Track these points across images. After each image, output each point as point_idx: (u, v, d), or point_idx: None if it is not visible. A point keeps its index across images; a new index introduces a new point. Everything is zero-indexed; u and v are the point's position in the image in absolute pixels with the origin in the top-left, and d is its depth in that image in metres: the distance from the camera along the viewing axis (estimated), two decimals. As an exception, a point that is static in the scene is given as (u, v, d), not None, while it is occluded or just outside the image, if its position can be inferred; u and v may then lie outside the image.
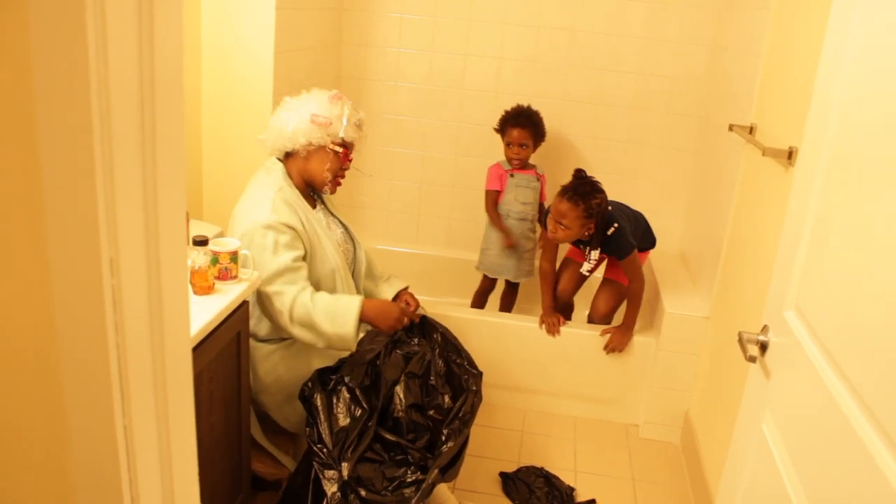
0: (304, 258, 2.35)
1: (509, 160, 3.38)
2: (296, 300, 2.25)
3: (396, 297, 2.74)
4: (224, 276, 2.10)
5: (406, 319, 2.41)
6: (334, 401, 2.26)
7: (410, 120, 3.85)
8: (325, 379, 2.29)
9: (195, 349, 1.88)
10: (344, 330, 2.27)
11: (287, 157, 2.46)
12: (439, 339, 2.53)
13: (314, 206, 2.52)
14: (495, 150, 3.50)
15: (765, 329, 1.71)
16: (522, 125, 3.30)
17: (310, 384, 2.27)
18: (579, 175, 2.97)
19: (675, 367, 3.04)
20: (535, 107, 3.40)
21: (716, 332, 2.85)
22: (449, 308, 3.29)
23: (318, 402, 2.24)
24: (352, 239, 2.66)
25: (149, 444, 0.83)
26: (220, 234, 2.51)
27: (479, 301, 3.62)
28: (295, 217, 2.34)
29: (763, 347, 1.70)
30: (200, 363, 1.93)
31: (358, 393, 2.27)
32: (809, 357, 1.42)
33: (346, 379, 2.28)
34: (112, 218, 0.70)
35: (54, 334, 0.75)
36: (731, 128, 2.72)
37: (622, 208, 3.11)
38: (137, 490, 0.82)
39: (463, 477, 2.75)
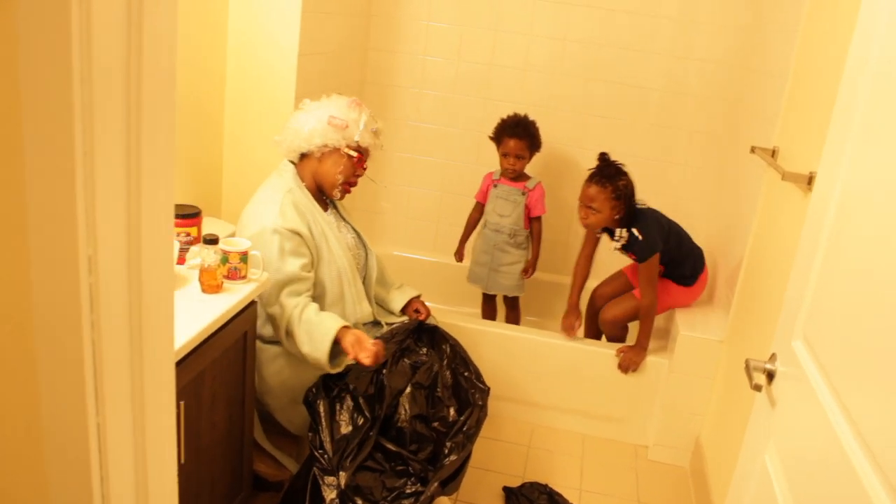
0: (311, 265, 2.36)
1: (504, 170, 3.35)
2: (291, 315, 2.26)
3: (408, 305, 2.74)
4: (233, 275, 2.10)
5: (381, 358, 2.26)
6: (337, 407, 2.25)
7: (433, 128, 3.85)
8: (330, 385, 2.29)
9: (199, 347, 1.89)
10: (318, 353, 2.24)
11: (301, 159, 2.48)
12: (448, 350, 2.52)
13: (325, 209, 2.53)
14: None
15: (773, 357, 1.68)
16: (519, 136, 3.27)
17: (314, 389, 2.27)
18: (604, 158, 3.01)
19: (688, 389, 3.00)
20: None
21: (730, 357, 2.81)
22: (461, 318, 3.27)
23: (321, 409, 2.23)
24: (363, 245, 2.65)
25: (122, 442, 0.82)
26: (234, 234, 2.52)
27: (488, 312, 3.61)
28: (302, 221, 2.35)
29: (770, 376, 1.67)
30: (204, 362, 1.94)
31: (361, 401, 2.26)
32: (814, 389, 1.39)
33: (351, 386, 2.27)
34: (91, 215, 0.70)
35: (32, 330, 0.75)
36: (753, 150, 2.68)
37: (659, 216, 3.08)
38: (109, 488, 0.82)
39: (466, 490, 2.73)
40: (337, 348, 2.28)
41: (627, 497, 2.86)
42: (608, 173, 2.94)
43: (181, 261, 2.19)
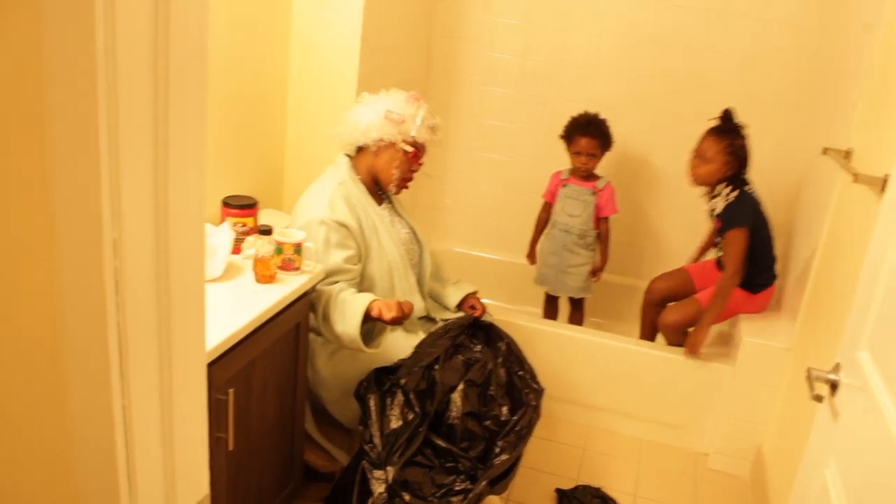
0: (357, 258, 2.36)
1: (576, 169, 3.28)
2: (329, 298, 2.27)
3: (463, 301, 2.72)
4: (287, 266, 2.12)
5: (407, 313, 2.29)
6: (388, 402, 2.25)
7: (498, 124, 3.82)
8: (382, 379, 2.29)
9: (250, 336, 1.90)
10: (350, 328, 2.22)
11: (358, 152, 2.49)
12: (504, 348, 2.48)
13: (380, 203, 2.53)
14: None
15: (836, 368, 1.60)
16: (591, 134, 3.20)
17: (365, 383, 2.27)
18: (727, 115, 2.97)
19: (751, 397, 2.90)
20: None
21: (796, 365, 2.70)
22: (520, 317, 3.24)
23: (372, 403, 2.23)
24: (418, 240, 2.65)
25: (149, 423, 0.83)
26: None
27: (550, 312, 3.56)
28: (351, 214, 2.35)
29: (833, 387, 1.59)
30: (255, 351, 1.95)
31: (412, 397, 2.25)
32: (879, 403, 1.32)
33: (402, 381, 2.26)
34: (117, 198, 0.70)
35: (59, 313, 0.76)
36: (825, 151, 2.57)
37: (760, 206, 3.00)
38: (135, 469, 0.82)
39: (518, 490, 2.70)
40: (372, 331, 2.31)
41: (684, 506, 2.78)
42: (727, 128, 2.92)
43: (237, 251, 2.21)
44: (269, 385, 2.09)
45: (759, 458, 2.89)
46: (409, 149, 2.42)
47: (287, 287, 2.07)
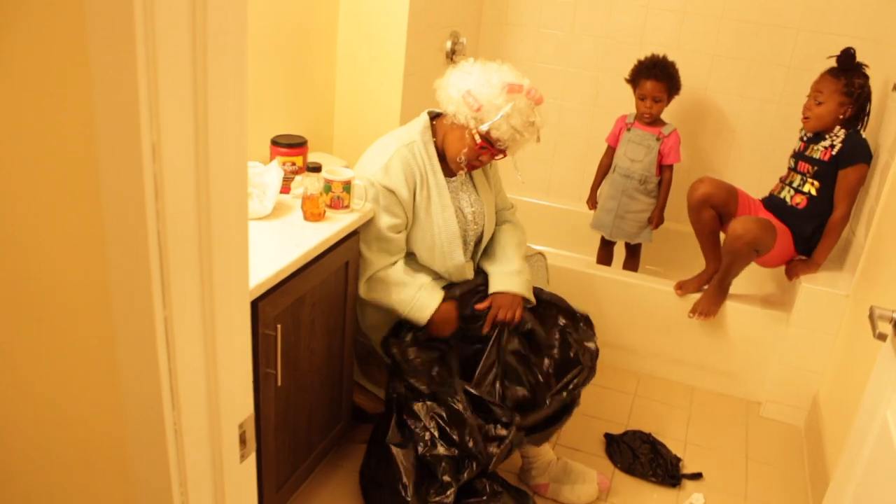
0: (403, 225, 2.26)
1: (641, 114, 3.18)
2: (377, 274, 2.24)
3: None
4: (336, 204, 2.11)
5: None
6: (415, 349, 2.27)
7: (550, 67, 3.73)
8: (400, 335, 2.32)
9: (298, 273, 1.91)
10: (419, 317, 2.25)
11: (442, 115, 2.31)
12: (559, 317, 2.43)
13: (453, 174, 2.36)
14: (633, 102, 3.32)
15: (903, 306, 1.54)
16: (657, 77, 3.09)
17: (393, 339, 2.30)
18: (847, 52, 2.80)
19: (808, 345, 2.83)
20: (678, 59, 3.18)
21: (856, 312, 2.62)
22: (574, 262, 3.20)
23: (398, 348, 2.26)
24: (486, 220, 2.45)
25: (191, 337, 0.82)
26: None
27: (604, 258, 3.50)
28: (406, 181, 2.21)
29: (897, 326, 1.53)
30: (303, 288, 1.96)
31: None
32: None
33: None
34: (155, 100, 0.68)
35: (99, 219, 0.75)
36: (895, 88, 2.46)
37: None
38: (178, 386, 0.82)
39: (567, 434, 2.69)
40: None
41: (735, 453, 2.74)
42: (845, 66, 2.77)
43: (286, 190, 2.21)
44: (317, 323, 2.10)
45: (815, 407, 2.83)
46: (478, 140, 2.19)
47: (336, 225, 2.06)
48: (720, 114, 3.54)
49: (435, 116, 2.36)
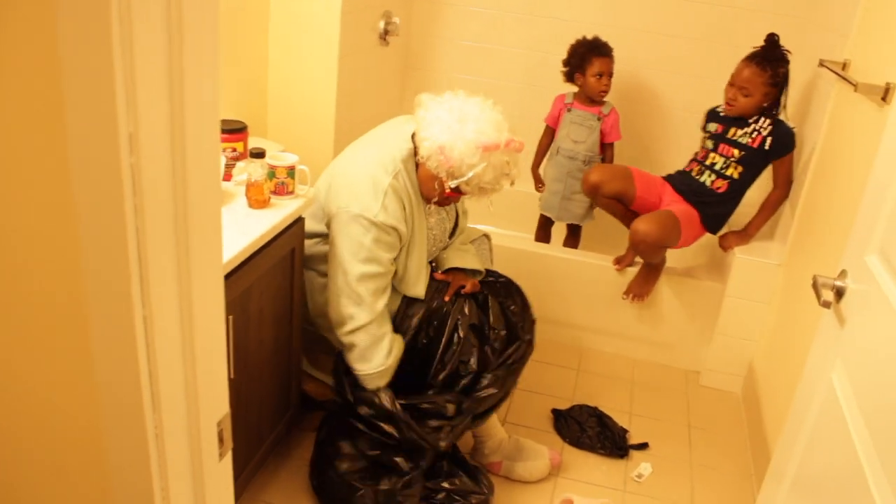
0: (395, 258, 2.19)
1: (598, 94, 3.18)
2: (371, 333, 2.13)
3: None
4: (281, 190, 2.06)
5: None
6: None
7: (480, 46, 3.73)
8: None
9: (246, 262, 1.86)
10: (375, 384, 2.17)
11: None
12: (497, 284, 2.44)
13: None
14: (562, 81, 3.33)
15: (842, 274, 1.60)
16: (606, 54, 3.12)
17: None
18: (772, 39, 2.80)
19: (743, 315, 2.92)
20: (607, 38, 3.21)
21: (788, 281, 2.72)
22: (514, 241, 3.21)
23: None
24: (453, 233, 2.42)
25: (170, 337, 0.79)
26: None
27: (542, 237, 3.54)
28: (403, 213, 2.12)
29: (839, 293, 1.59)
30: (251, 277, 1.91)
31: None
32: (892, 303, 1.31)
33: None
34: (132, 88, 0.65)
35: (73, 215, 0.71)
36: (821, 63, 2.54)
37: None
38: (158, 387, 0.79)
39: (514, 411, 2.72)
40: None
41: (678, 421, 2.82)
42: (772, 56, 2.76)
43: (227, 177, 2.15)
44: (265, 313, 2.06)
45: (751, 373, 2.93)
46: (448, 189, 2.12)
47: (282, 212, 2.02)
48: (650, 91, 3.60)
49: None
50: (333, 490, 2.17)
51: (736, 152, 2.88)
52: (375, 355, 2.13)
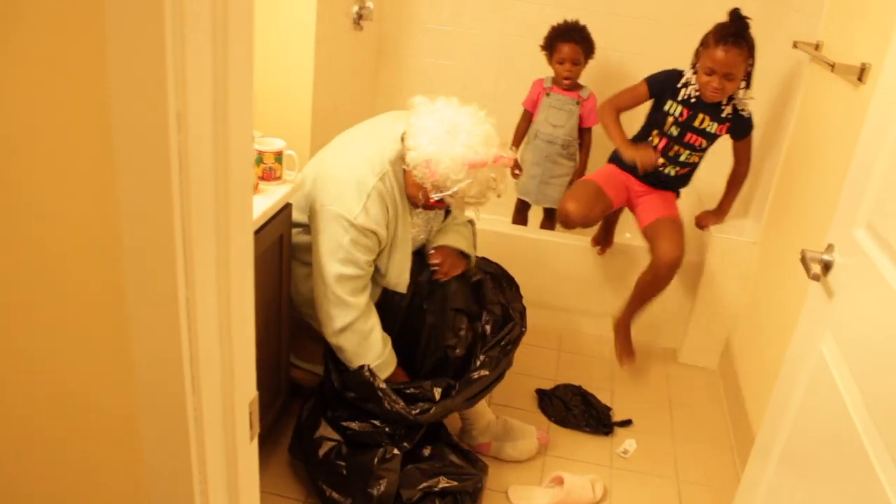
0: (374, 260, 2.19)
1: (561, 80, 3.23)
2: (357, 330, 2.14)
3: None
4: (268, 176, 2.05)
5: None
6: None
7: (456, 31, 3.72)
8: None
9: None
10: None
11: None
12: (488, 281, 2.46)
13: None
14: (538, 64, 3.35)
15: (829, 248, 1.64)
16: (574, 40, 3.14)
17: None
18: (737, 14, 2.63)
19: (719, 292, 2.98)
20: (583, 21, 3.24)
21: (764, 258, 2.78)
22: (489, 224, 3.23)
23: None
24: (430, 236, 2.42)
25: (209, 319, 0.79)
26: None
27: (519, 221, 3.56)
28: (385, 216, 2.12)
29: (826, 267, 1.63)
30: (244, 263, 1.90)
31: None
32: (883, 275, 1.35)
33: None
34: (181, 67, 0.64)
35: (117, 196, 0.71)
36: (795, 45, 2.59)
37: None
38: (198, 367, 0.79)
39: (499, 393, 2.74)
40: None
41: (659, 398, 2.87)
42: (744, 31, 2.57)
43: (213, 163, 2.13)
44: (255, 300, 2.04)
45: (728, 350, 3.00)
46: (433, 199, 2.13)
47: (271, 198, 2.00)
48: (629, 75, 3.63)
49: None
50: (315, 466, 2.17)
51: (704, 142, 2.80)
52: (369, 351, 2.15)
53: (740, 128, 2.78)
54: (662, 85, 2.81)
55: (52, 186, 0.75)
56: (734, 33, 2.55)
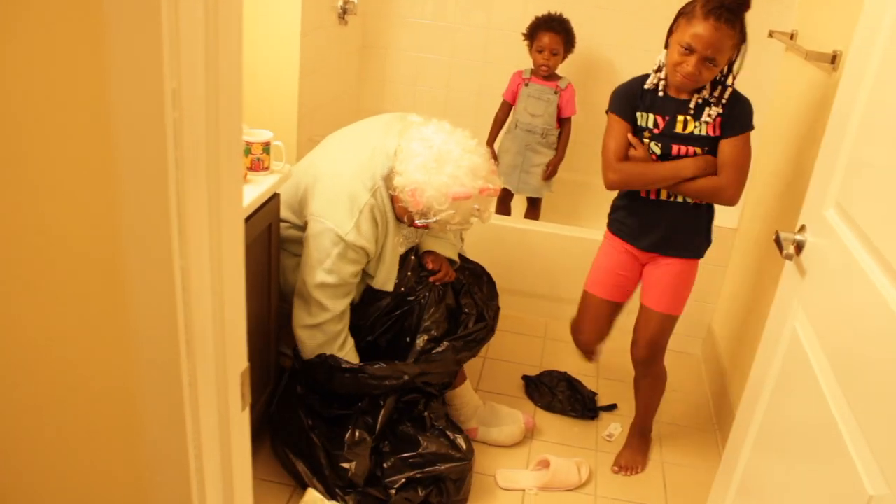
0: (360, 272, 2.24)
1: (538, 68, 3.29)
2: (326, 331, 2.21)
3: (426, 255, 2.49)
4: (256, 166, 2.09)
5: None
6: None
7: (436, 24, 3.76)
8: None
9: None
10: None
11: None
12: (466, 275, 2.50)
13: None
14: (522, 57, 3.40)
15: (802, 229, 1.69)
16: (555, 30, 3.20)
17: None
18: None
19: (700, 279, 3.01)
20: (566, 14, 3.30)
21: (743, 243, 2.83)
22: (475, 215, 3.28)
23: None
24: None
25: (203, 289, 0.83)
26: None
27: (503, 211, 3.61)
28: (374, 232, 2.17)
29: (799, 247, 1.68)
30: (233, 251, 1.94)
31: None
32: (852, 253, 1.41)
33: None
34: (176, 44, 0.68)
35: (115, 167, 0.74)
36: (771, 34, 2.65)
37: None
38: (193, 336, 0.83)
39: (486, 379, 2.79)
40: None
41: (643, 383, 2.92)
42: (742, 8, 1.98)
43: (201, 154, 2.16)
44: (245, 289, 2.08)
45: (710, 335, 3.05)
46: (418, 223, 2.18)
47: (258, 188, 2.04)
48: (608, 66, 3.68)
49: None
50: (288, 442, 2.24)
51: (698, 151, 2.14)
52: (328, 351, 2.22)
53: (735, 118, 2.11)
54: (626, 99, 2.23)
55: (49, 162, 0.78)
56: (730, 7, 1.95)
